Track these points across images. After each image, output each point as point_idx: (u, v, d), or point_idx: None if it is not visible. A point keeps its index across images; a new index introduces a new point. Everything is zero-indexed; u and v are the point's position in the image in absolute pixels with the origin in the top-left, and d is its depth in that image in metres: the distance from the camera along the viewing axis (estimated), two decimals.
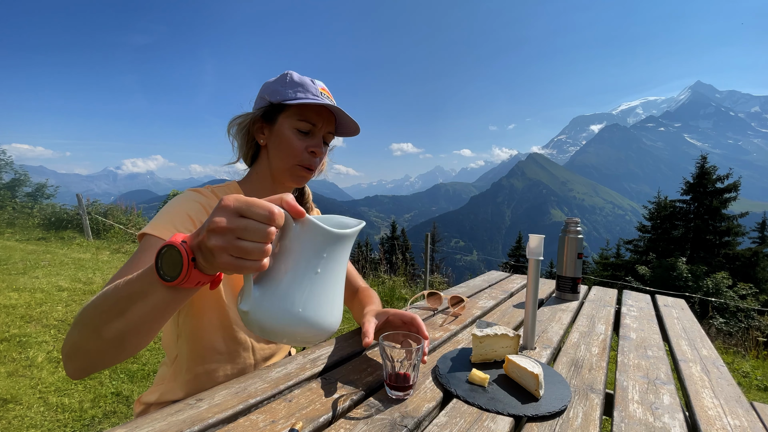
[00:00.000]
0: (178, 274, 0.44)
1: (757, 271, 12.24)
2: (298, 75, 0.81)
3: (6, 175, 11.73)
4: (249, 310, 0.45)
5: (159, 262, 0.45)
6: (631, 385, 0.75)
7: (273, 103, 0.79)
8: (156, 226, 0.68)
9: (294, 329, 0.46)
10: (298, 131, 0.79)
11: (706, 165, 14.18)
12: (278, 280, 0.45)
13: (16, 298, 3.49)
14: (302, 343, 0.50)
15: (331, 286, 0.48)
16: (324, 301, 0.47)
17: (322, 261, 0.46)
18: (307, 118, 0.79)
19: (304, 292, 0.46)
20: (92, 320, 0.51)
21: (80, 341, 0.52)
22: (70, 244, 6.74)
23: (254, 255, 0.41)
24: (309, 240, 0.45)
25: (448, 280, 6.48)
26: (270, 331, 0.46)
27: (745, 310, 7.00)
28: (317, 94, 0.79)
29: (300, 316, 0.45)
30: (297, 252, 0.45)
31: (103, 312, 0.50)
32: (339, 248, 0.48)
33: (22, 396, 1.99)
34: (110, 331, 0.49)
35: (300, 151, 0.80)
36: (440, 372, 0.73)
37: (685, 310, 1.41)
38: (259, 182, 0.86)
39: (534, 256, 0.85)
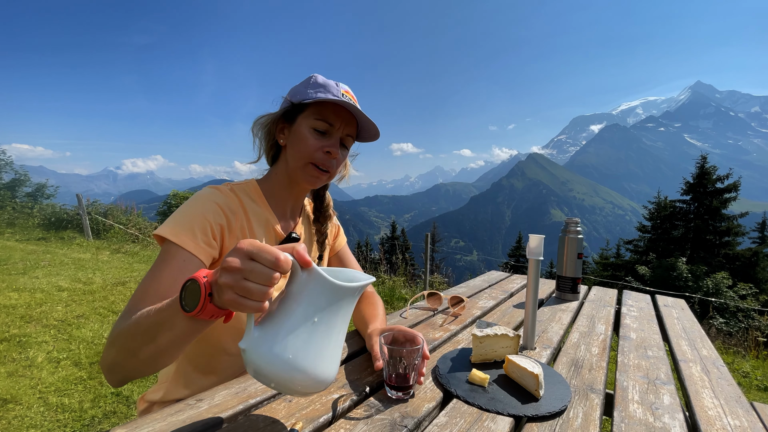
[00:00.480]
0: (195, 305, 0.48)
1: (757, 271, 12.24)
2: (323, 77, 0.81)
3: (6, 175, 11.72)
4: (246, 348, 0.46)
5: (183, 294, 0.49)
6: (631, 385, 0.75)
7: (294, 104, 0.80)
8: (177, 233, 0.69)
9: (284, 375, 0.45)
10: (315, 131, 0.79)
11: (706, 165, 14.18)
12: (277, 325, 0.46)
13: (16, 298, 3.48)
14: (291, 391, 0.48)
15: (327, 337, 0.48)
16: (317, 351, 0.47)
17: (321, 311, 0.47)
18: (324, 117, 0.79)
19: (299, 339, 0.46)
20: (128, 344, 0.57)
21: (119, 360, 0.58)
22: (70, 244, 6.74)
23: (256, 296, 0.43)
24: (312, 289, 0.46)
25: (448, 280, 6.48)
26: (261, 373, 0.46)
27: (745, 310, 7.00)
28: (338, 95, 0.79)
29: (290, 362, 0.45)
30: (299, 299, 0.46)
31: (137, 338, 0.55)
32: (341, 301, 0.48)
33: (22, 396, 1.99)
34: (144, 353, 0.55)
35: (315, 149, 0.79)
36: (440, 372, 0.73)
37: (685, 310, 1.41)
38: (277, 182, 0.86)
39: (534, 256, 0.85)
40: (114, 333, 0.59)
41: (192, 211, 0.73)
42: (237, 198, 0.80)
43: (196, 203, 0.74)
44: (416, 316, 1.11)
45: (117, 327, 0.59)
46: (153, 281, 0.65)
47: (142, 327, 0.55)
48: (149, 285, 0.65)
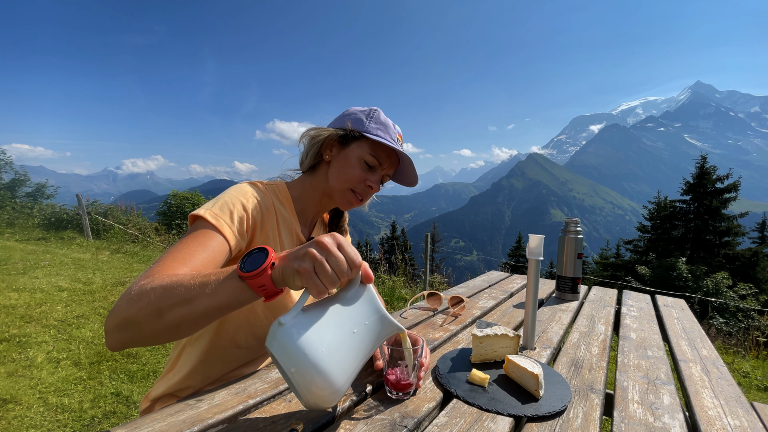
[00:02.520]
0: (257, 267, 0.50)
1: (756, 271, 12.24)
2: (384, 116, 0.87)
3: (6, 175, 11.72)
4: (285, 324, 0.48)
5: (245, 258, 0.52)
6: (631, 385, 0.75)
7: (353, 130, 0.84)
8: (217, 216, 0.70)
9: (307, 366, 0.46)
10: (365, 163, 0.84)
11: (706, 165, 14.18)
12: (322, 318, 0.49)
13: (16, 298, 3.48)
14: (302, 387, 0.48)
15: (358, 351, 0.51)
16: (346, 359, 0.49)
17: (362, 327, 0.51)
18: (377, 155, 0.84)
19: (335, 340, 0.49)
20: (159, 302, 0.53)
21: (138, 318, 0.54)
22: (69, 244, 6.74)
23: (327, 280, 0.48)
24: (363, 303, 0.52)
25: (448, 280, 6.48)
26: (287, 354, 0.47)
27: (745, 310, 7.00)
28: (394, 138, 0.86)
29: (319, 357, 0.47)
30: (348, 307, 0.51)
31: (171, 296, 0.53)
32: (380, 327, 0.53)
33: (22, 396, 1.99)
34: (172, 316, 0.53)
35: (360, 180, 0.84)
36: (440, 372, 0.73)
37: (685, 310, 1.41)
38: (309, 191, 0.89)
39: (534, 256, 0.85)
40: (139, 288, 0.55)
41: (234, 200, 0.75)
42: (271, 198, 0.82)
43: (238, 194, 0.77)
44: (416, 316, 1.11)
45: (143, 283, 0.55)
46: (183, 253, 0.63)
47: (180, 287, 0.53)
48: (178, 255, 0.63)
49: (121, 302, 0.55)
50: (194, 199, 10.33)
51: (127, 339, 0.55)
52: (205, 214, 0.69)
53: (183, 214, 9.73)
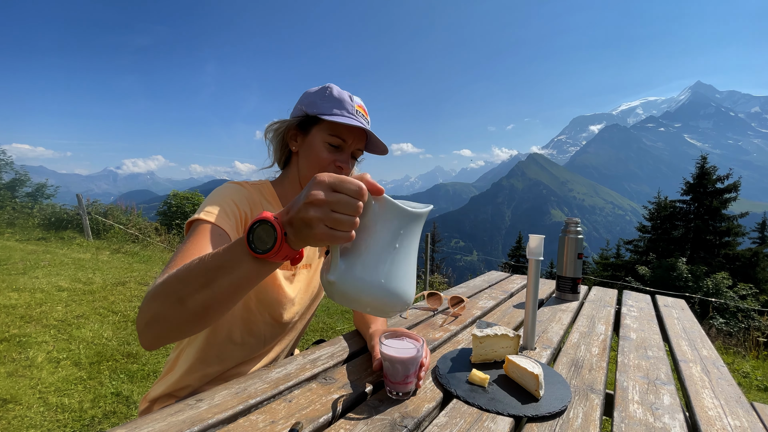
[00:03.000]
0: (270, 247, 0.47)
1: (757, 272, 12.24)
2: (338, 90, 0.83)
3: (6, 175, 11.72)
4: (336, 281, 0.48)
5: (250, 236, 0.48)
6: (632, 386, 0.75)
7: (309, 115, 0.82)
8: (210, 213, 0.71)
9: (376, 298, 0.49)
10: (329, 145, 0.82)
11: (706, 165, 14.18)
12: (362, 254, 0.48)
13: (16, 298, 3.48)
14: (382, 312, 0.52)
15: (408, 260, 0.51)
16: (402, 273, 0.50)
17: (399, 237, 0.49)
18: (339, 134, 0.82)
19: (386, 264, 0.49)
20: (177, 290, 0.52)
21: (162, 311, 0.53)
22: (70, 244, 6.74)
23: (346, 226, 0.45)
24: (388, 217, 0.48)
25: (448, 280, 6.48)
26: (354, 299, 0.49)
27: (745, 311, 7.00)
28: (353, 111, 0.82)
29: (383, 286, 0.48)
30: (378, 228, 0.48)
31: (188, 283, 0.52)
32: (414, 226, 0.51)
33: (22, 396, 1.99)
34: (195, 301, 0.51)
35: (327, 163, 0.83)
36: (440, 372, 0.73)
37: (685, 311, 1.41)
38: (289, 185, 0.89)
39: (534, 257, 0.85)
40: (157, 285, 0.54)
41: (222, 198, 0.76)
42: (257, 196, 0.83)
43: (224, 192, 0.78)
44: (416, 316, 1.11)
45: (160, 280, 0.55)
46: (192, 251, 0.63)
47: (195, 271, 0.51)
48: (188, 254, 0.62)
49: (145, 301, 0.55)
50: (194, 199, 10.33)
51: (159, 334, 0.55)
52: (200, 215, 0.70)
53: (183, 214, 9.72)
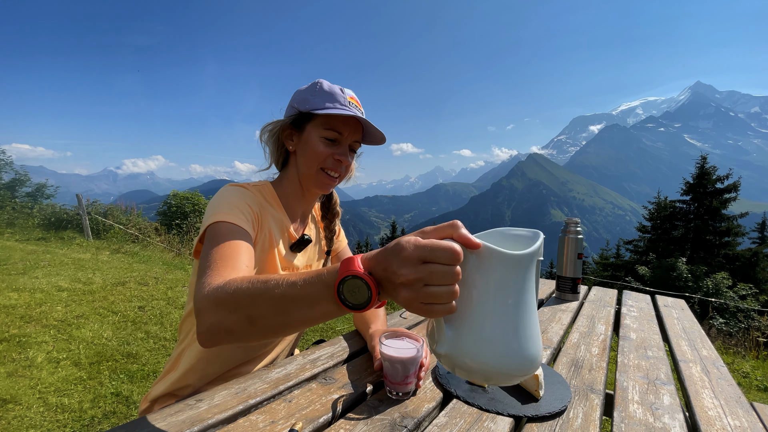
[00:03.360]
0: (364, 304, 0.44)
1: (756, 272, 12.24)
2: (328, 84, 0.82)
3: (6, 175, 11.73)
4: (447, 353, 0.43)
5: (341, 287, 0.45)
6: (631, 386, 0.75)
7: (302, 112, 0.82)
8: (227, 215, 0.71)
9: (497, 365, 0.42)
10: (326, 139, 0.82)
11: (705, 165, 14.18)
12: (470, 318, 0.42)
13: (16, 299, 3.48)
14: (509, 379, 0.45)
15: (527, 313, 0.43)
16: (523, 331, 0.42)
17: (510, 289, 0.42)
18: (334, 127, 0.81)
19: (501, 326, 0.42)
20: (247, 310, 0.51)
21: (228, 323, 0.52)
22: (69, 245, 6.74)
23: (444, 298, 0.40)
24: (492, 269, 0.41)
25: None
26: (472, 369, 0.43)
27: (745, 311, 7.00)
28: (345, 103, 0.81)
29: (501, 351, 0.42)
30: (482, 285, 0.41)
31: (261, 305, 0.50)
32: (526, 271, 0.42)
33: (22, 396, 1.99)
34: (266, 324, 0.51)
35: (325, 156, 0.82)
36: (440, 372, 0.73)
37: (685, 311, 1.41)
38: (289, 186, 0.89)
39: None
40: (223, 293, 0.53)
41: (234, 198, 0.76)
42: (259, 197, 0.83)
43: (234, 193, 0.78)
44: (416, 316, 1.11)
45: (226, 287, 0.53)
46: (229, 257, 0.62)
47: (270, 297, 0.49)
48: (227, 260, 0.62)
49: (207, 304, 0.54)
50: (194, 199, 10.32)
51: (220, 339, 0.55)
52: (220, 218, 0.71)
53: (183, 215, 9.72)
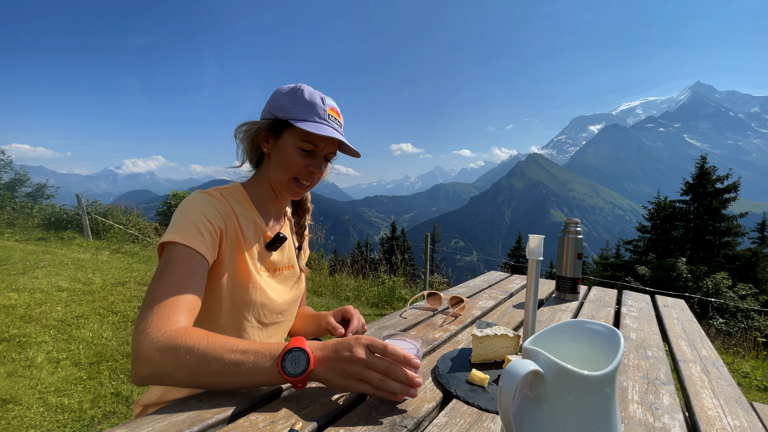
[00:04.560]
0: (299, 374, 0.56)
1: (756, 272, 12.24)
2: (309, 92, 0.81)
3: (6, 176, 11.73)
4: None
5: (286, 355, 0.57)
6: (631, 386, 0.75)
7: (279, 120, 0.81)
8: (185, 236, 0.70)
9: None
10: (302, 150, 0.81)
11: (705, 165, 14.19)
12: None
13: (16, 299, 3.48)
14: None
15: None
16: None
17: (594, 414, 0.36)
18: (311, 140, 0.81)
19: None
20: (195, 368, 0.57)
21: (171, 372, 0.58)
22: (69, 245, 6.74)
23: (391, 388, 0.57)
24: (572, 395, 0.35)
25: (448, 280, 6.48)
26: None
27: (745, 311, 7.00)
28: (325, 117, 0.81)
29: None
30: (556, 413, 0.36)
31: (209, 366, 0.57)
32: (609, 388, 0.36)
33: (22, 396, 1.99)
34: (210, 383, 0.58)
35: (300, 168, 0.82)
36: (440, 372, 0.73)
37: (684, 311, 1.41)
38: (263, 186, 0.88)
39: (534, 257, 0.85)
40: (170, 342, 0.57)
41: (194, 215, 0.74)
42: (227, 202, 0.81)
43: (195, 207, 0.75)
44: (416, 316, 1.11)
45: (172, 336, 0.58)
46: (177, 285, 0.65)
47: (218, 362, 0.57)
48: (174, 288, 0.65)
49: (151, 350, 0.57)
50: None
51: (157, 382, 0.60)
52: (175, 238, 0.69)
53: None
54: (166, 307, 0.62)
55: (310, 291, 4.84)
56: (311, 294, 4.71)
